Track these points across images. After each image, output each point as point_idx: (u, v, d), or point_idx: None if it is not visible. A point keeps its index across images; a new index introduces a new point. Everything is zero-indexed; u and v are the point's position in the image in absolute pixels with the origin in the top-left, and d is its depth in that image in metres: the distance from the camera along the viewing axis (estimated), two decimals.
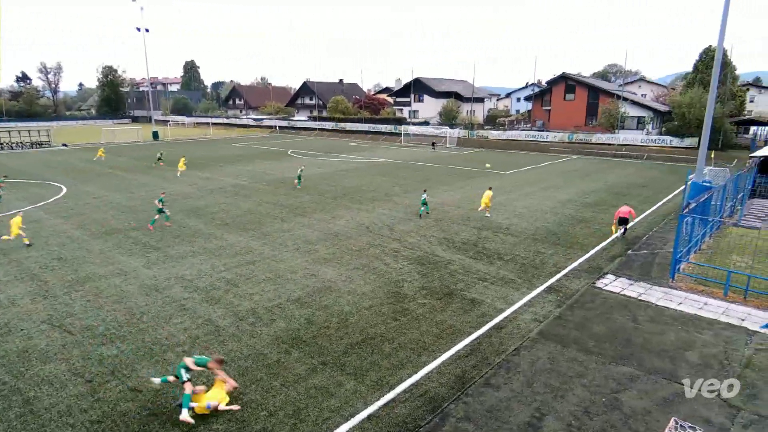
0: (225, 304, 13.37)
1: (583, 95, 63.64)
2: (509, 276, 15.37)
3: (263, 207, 24.93)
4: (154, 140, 67.40)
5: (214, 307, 13.20)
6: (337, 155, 49.80)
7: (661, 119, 61.48)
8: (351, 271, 15.77)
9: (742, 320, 12.18)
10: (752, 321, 12.12)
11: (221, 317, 12.65)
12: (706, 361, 10.41)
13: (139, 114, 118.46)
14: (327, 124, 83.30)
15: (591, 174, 37.46)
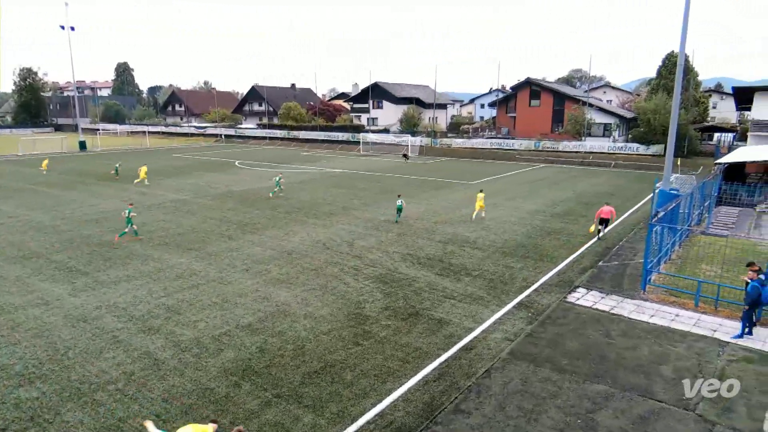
0: (165, 334, 12.90)
1: (548, 101, 66.08)
2: (477, 293, 15.60)
3: (208, 224, 24.39)
4: (81, 151, 64.82)
5: (153, 338, 12.70)
6: (290, 166, 49.42)
7: (627, 126, 64.60)
8: (307, 292, 15.58)
9: (713, 331, 12.83)
10: (723, 332, 12.79)
11: (161, 349, 12.18)
12: (680, 374, 10.87)
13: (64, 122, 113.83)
14: (278, 132, 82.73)
15: (559, 183, 38.78)
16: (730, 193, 28.17)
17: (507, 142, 61.35)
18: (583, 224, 24.62)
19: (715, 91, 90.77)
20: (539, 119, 65.41)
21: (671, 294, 15.02)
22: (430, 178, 41.72)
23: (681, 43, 19.86)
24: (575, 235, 22.57)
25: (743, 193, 28.09)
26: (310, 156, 61.72)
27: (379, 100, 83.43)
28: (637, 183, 39.07)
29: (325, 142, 75.35)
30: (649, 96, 61.18)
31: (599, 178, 42.28)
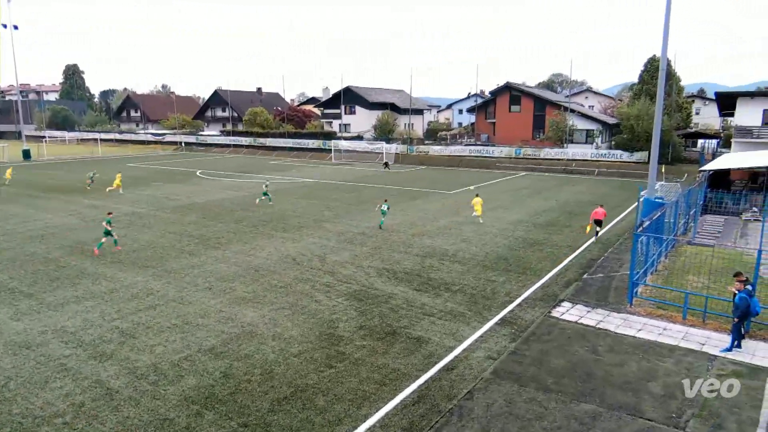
0: (119, 361, 12.54)
1: (528, 107, 67.34)
2: (458, 309, 15.66)
3: (167, 239, 23.97)
4: (25, 160, 63.06)
5: (105, 365, 12.33)
6: (256, 176, 49.02)
7: (610, 132, 66.18)
8: (276, 311, 15.40)
9: (702, 345, 13.13)
10: (712, 345, 13.10)
11: (114, 377, 11.82)
12: (669, 391, 11.07)
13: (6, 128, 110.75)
14: (243, 140, 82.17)
15: (541, 192, 39.43)
16: (715, 201, 29.07)
17: (486, 150, 62.17)
18: (567, 234, 25.03)
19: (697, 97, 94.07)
20: (520, 125, 66.53)
21: (658, 307, 15.34)
22: (407, 187, 41.91)
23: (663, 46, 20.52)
24: (559, 246, 22.92)
25: (728, 200, 29.02)
26: (279, 165, 61.33)
27: (352, 105, 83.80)
28: (621, 191, 39.99)
29: (294, 150, 75.12)
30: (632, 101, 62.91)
31: (582, 186, 43.15)
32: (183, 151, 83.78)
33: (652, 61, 64.84)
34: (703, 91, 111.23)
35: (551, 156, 57.37)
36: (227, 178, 47.10)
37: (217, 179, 46.74)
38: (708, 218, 27.63)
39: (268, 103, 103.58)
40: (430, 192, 39.12)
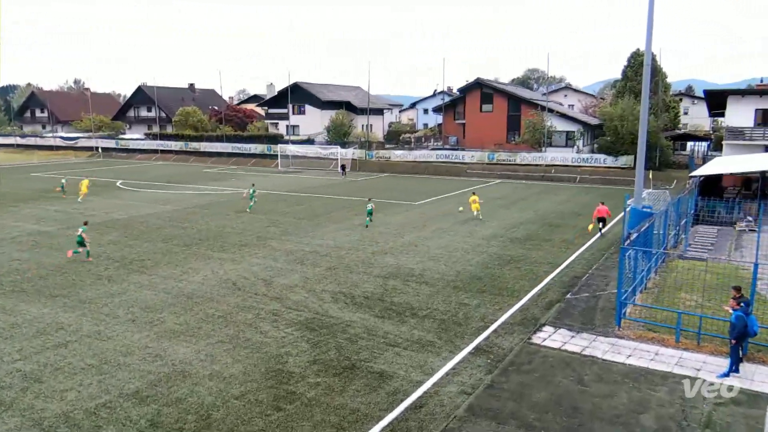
0: (21, 410, 12.02)
1: (502, 106, 68.75)
2: (426, 337, 15.72)
3: (78, 263, 23.28)
4: None
5: (3, 417, 11.80)
6: (189, 186, 48.19)
7: (592, 134, 68.16)
8: (213, 346, 15.10)
9: (697, 370, 13.57)
10: (708, 370, 13.56)
11: (15, 430, 11.31)
12: (663, 424, 11.38)
13: None
14: (173, 144, 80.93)
15: (517, 202, 40.20)
16: (707, 210, 30.27)
17: (456, 154, 63.04)
18: (548, 250, 25.56)
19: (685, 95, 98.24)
20: (492, 127, 67.77)
21: (649, 329, 15.79)
22: (365, 198, 41.99)
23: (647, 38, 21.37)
24: (539, 263, 23.35)
25: (721, 209, 30.26)
26: (216, 173, 60.48)
27: (301, 104, 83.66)
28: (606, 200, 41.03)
29: (233, 156, 74.37)
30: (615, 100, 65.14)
31: (563, 194, 44.23)
32: (100, 157, 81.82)
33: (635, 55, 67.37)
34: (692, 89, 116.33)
35: (528, 161, 58.63)
36: (153, 190, 46.09)
37: (141, 191, 45.70)
38: (700, 229, 28.73)
39: (203, 102, 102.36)
40: (393, 203, 39.32)
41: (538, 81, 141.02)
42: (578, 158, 57.66)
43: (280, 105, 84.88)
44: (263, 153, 72.70)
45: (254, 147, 74.30)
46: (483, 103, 69.99)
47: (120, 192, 45.10)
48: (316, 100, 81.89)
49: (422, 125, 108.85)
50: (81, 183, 41.56)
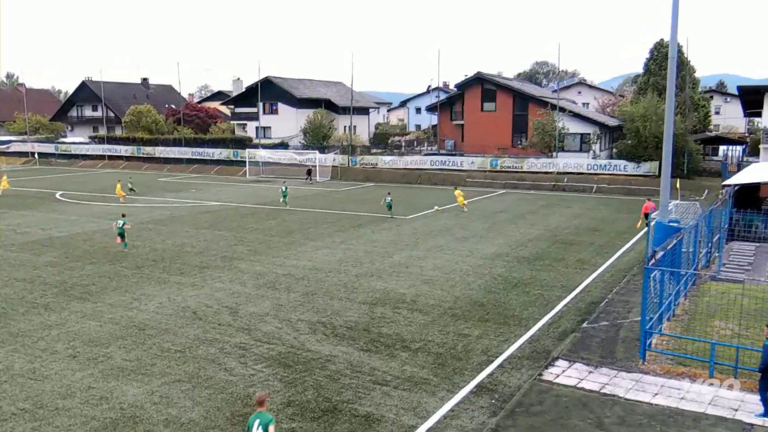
0: None
1: (506, 104, 69.18)
2: (420, 374, 15.65)
3: (12, 288, 23.06)
4: None
5: None
6: (142, 198, 47.88)
7: (610, 137, 68.73)
8: (169, 386, 14.95)
9: (734, 410, 13.59)
10: (747, 410, 13.58)
11: None
12: None
13: None
14: (123, 148, 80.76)
15: (525, 216, 40.35)
16: (743, 223, 30.49)
17: (453, 161, 63.29)
18: (560, 271, 25.63)
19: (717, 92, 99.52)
20: (495, 128, 68.07)
21: (678, 362, 15.81)
22: (348, 211, 41.95)
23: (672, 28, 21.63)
24: (550, 286, 23.40)
25: (759, 223, 30.48)
26: (172, 183, 60.21)
27: (273, 102, 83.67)
28: (626, 213, 41.42)
29: (194, 163, 74.25)
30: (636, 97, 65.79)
31: (577, 207, 44.47)
32: (36, 164, 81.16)
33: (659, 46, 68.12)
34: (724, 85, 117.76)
35: (537, 168, 58.93)
36: (100, 202, 45.75)
37: (85, 204, 45.36)
38: (735, 246, 28.93)
39: (158, 100, 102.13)
40: (380, 218, 39.33)
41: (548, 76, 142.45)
42: (595, 165, 58.02)
43: (248, 103, 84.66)
44: (229, 159, 72.64)
45: (218, 152, 74.29)
46: (484, 101, 70.34)
47: (59, 205, 44.70)
48: (290, 98, 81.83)
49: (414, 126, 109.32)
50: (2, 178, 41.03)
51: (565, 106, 65.86)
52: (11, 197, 47.94)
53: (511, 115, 68.86)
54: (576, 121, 64.56)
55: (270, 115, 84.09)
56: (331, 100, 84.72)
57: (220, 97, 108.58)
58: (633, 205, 44.93)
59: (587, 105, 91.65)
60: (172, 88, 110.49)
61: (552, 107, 62.39)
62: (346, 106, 78.82)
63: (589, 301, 21.60)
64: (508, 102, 69.32)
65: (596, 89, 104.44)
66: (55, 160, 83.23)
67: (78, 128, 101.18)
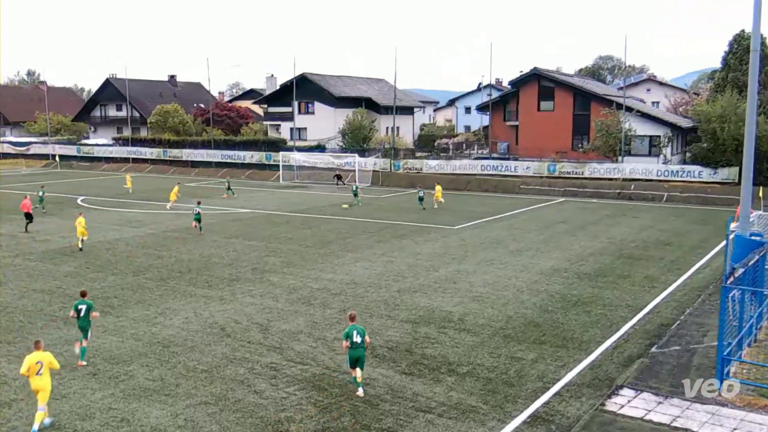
0: None
1: (566, 103, 68.57)
2: (467, 401, 15.53)
3: (30, 300, 23.66)
4: None
5: None
6: (167, 204, 48.75)
7: (683, 139, 67.52)
8: (194, 408, 15.12)
9: None
10: None
11: None
12: None
13: None
14: (148, 151, 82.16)
15: (586, 227, 39.85)
16: None
17: (506, 165, 62.86)
18: (626, 289, 25.22)
19: None
20: (554, 130, 67.51)
21: (761, 393, 15.39)
22: (390, 220, 41.99)
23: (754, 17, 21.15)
24: (615, 305, 23.04)
25: None
26: (200, 188, 61.04)
27: (310, 101, 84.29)
28: (701, 225, 40.61)
29: (224, 166, 75.13)
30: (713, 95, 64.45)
31: (646, 217, 43.74)
32: (57, 167, 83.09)
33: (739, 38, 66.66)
34: None
35: (600, 174, 58.20)
36: (123, 209, 46.64)
37: (107, 210, 46.31)
38: None
39: (186, 98, 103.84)
40: (425, 227, 39.28)
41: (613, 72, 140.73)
42: (665, 171, 57.04)
43: (282, 102, 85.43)
44: (261, 162, 73.36)
45: (249, 155, 75.04)
46: (541, 99, 69.87)
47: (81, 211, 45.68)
48: (328, 96, 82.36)
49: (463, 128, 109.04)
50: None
51: (632, 105, 64.99)
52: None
53: (572, 116, 68.23)
54: (644, 122, 63.62)
55: (306, 115, 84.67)
56: (372, 98, 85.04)
57: (252, 96, 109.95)
58: (708, 216, 44.04)
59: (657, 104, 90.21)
60: (200, 86, 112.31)
61: (617, 106, 61.58)
62: (389, 105, 78.86)
63: (659, 323, 21.20)
64: (568, 101, 68.72)
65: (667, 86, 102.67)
66: (76, 162, 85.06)
67: (101, 129, 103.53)
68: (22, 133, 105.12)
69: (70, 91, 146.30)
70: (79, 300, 18.00)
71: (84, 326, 17.83)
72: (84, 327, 17.84)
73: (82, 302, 17.85)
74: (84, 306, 17.65)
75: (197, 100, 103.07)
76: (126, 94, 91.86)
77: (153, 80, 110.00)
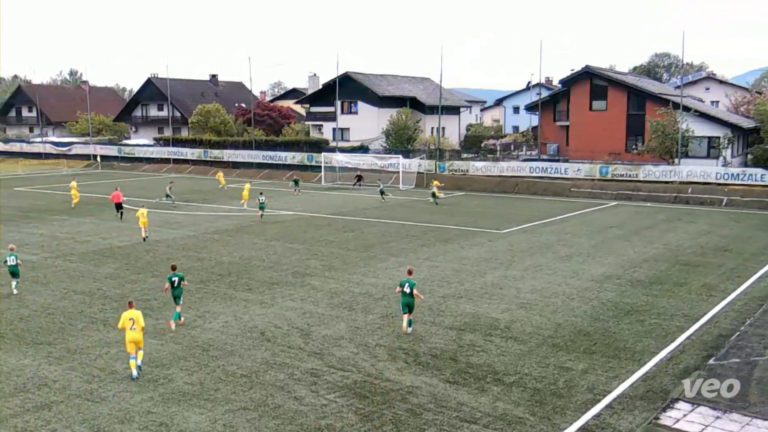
0: None
1: (620, 103, 67.75)
2: (514, 412, 15.43)
3: (70, 301, 24.12)
4: None
5: None
6: (208, 205, 49.34)
7: (744, 141, 66.18)
8: (233, 414, 15.27)
9: None
10: None
11: None
12: None
13: None
14: (189, 152, 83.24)
15: (640, 231, 39.28)
16: None
17: (556, 167, 62.34)
18: (682, 298, 24.79)
19: None
20: (606, 131, 66.79)
21: None
22: (434, 224, 41.92)
23: None
24: (670, 314, 22.67)
25: None
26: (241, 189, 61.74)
27: (353, 100, 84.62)
28: (763, 231, 39.71)
29: (265, 167, 75.80)
30: None
31: (703, 222, 42.96)
32: (99, 168, 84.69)
33: None
34: None
35: (655, 177, 57.38)
36: (163, 210, 47.36)
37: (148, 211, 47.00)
38: None
39: (228, 98, 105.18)
40: (471, 231, 39.14)
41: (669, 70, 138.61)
42: (725, 173, 55.94)
43: (325, 102, 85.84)
44: (302, 164, 73.86)
45: (291, 156, 75.56)
46: (593, 98, 69.17)
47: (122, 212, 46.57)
48: (371, 96, 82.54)
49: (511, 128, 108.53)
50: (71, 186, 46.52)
51: (690, 105, 63.99)
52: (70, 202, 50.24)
53: (625, 116, 67.43)
54: (703, 122, 62.61)
55: (348, 114, 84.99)
56: (416, 98, 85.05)
57: (294, 95, 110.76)
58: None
59: (716, 104, 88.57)
60: (242, 86, 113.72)
61: (674, 106, 60.66)
62: (434, 105, 78.91)
63: (717, 334, 20.77)
64: (622, 100, 67.92)
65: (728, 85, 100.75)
66: (117, 163, 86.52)
67: (142, 129, 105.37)
68: (64, 133, 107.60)
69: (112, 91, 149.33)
70: (171, 273, 21.69)
71: (177, 294, 21.45)
72: (177, 295, 21.46)
73: (174, 275, 21.54)
74: (176, 278, 21.37)
75: (238, 100, 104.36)
76: (167, 94, 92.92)
77: (194, 80, 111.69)
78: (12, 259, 25.14)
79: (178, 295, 21.52)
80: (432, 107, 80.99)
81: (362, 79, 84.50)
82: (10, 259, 25.15)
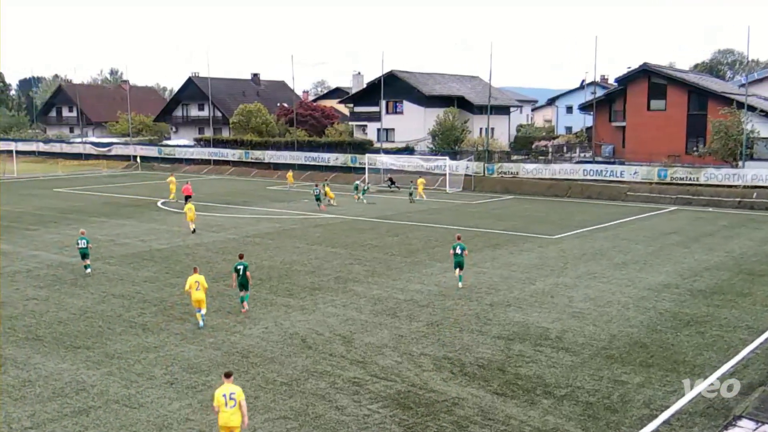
0: None
1: (680, 102, 66.78)
2: (565, 426, 15.29)
3: (109, 305, 24.54)
4: None
5: None
6: (249, 208, 49.80)
7: None
8: (273, 423, 15.38)
9: None
10: None
11: None
12: None
13: None
14: (230, 153, 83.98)
15: (701, 238, 38.61)
16: None
17: (611, 170, 61.62)
18: (746, 309, 24.30)
19: None
20: (665, 131, 65.96)
21: None
22: (482, 228, 41.76)
23: None
24: (733, 326, 22.24)
25: None
26: (283, 192, 62.18)
27: (398, 100, 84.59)
28: None
29: (307, 169, 76.21)
30: None
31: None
32: (138, 169, 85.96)
33: None
34: None
35: (717, 181, 56.39)
36: (204, 212, 47.94)
37: None
38: None
39: (270, 97, 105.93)
40: (520, 236, 38.89)
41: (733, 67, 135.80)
42: None
43: (369, 101, 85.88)
44: (346, 165, 74.06)
45: (334, 157, 75.81)
46: (651, 98, 68.37)
47: (161, 214, 47.14)
48: (417, 95, 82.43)
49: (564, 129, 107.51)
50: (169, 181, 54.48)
51: (756, 104, 62.82)
52: (111, 205, 51.22)
53: (685, 116, 66.53)
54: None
55: (393, 114, 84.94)
56: (464, 97, 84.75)
57: (337, 95, 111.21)
58: None
59: None
60: (284, 85, 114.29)
61: (738, 105, 59.60)
62: (483, 104, 78.48)
63: None
64: (682, 99, 67.01)
65: None
66: (157, 164, 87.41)
67: (183, 129, 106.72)
68: (104, 133, 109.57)
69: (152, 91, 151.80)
70: (238, 262, 23.39)
71: (244, 282, 23.21)
72: (244, 283, 23.23)
73: (240, 263, 23.22)
74: (242, 267, 23.04)
75: (281, 100, 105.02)
76: (208, 93, 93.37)
77: (236, 79, 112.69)
78: (83, 242, 28.70)
79: (244, 284, 23.24)
80: (481, 107, 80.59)
81: (408, 77, 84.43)
82: (81, 242, 28.72)
